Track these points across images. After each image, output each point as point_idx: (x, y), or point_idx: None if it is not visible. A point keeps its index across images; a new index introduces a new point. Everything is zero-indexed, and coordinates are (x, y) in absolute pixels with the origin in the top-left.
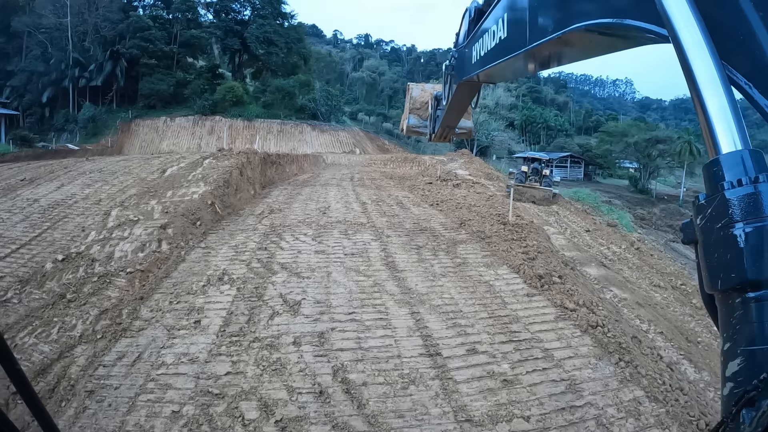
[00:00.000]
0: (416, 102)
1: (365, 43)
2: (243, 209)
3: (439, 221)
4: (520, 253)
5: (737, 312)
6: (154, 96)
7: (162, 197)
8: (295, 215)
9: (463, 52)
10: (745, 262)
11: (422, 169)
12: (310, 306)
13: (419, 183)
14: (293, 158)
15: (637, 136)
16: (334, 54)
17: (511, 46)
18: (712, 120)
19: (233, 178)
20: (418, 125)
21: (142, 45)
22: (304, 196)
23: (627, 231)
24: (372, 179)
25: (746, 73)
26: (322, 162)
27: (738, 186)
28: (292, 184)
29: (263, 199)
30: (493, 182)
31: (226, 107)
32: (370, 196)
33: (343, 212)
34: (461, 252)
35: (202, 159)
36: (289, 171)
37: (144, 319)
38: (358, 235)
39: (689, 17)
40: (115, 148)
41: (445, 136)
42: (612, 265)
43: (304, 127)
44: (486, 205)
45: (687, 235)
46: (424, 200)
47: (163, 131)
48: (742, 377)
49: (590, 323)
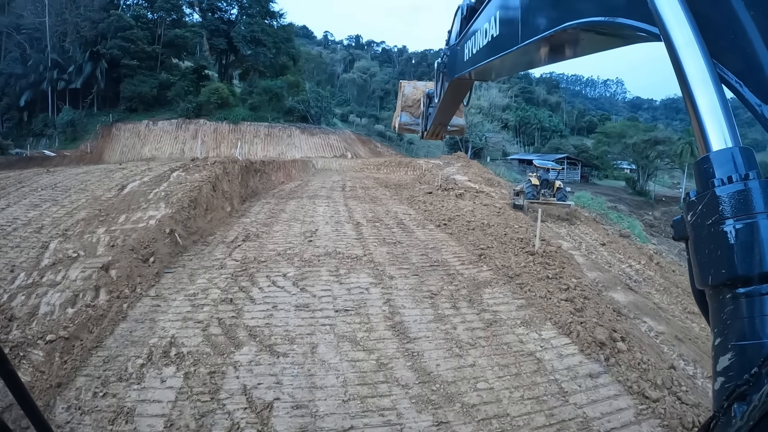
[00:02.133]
0: (408, 100)
1: (356, 44)
2: (214, 234)
3: (452, 251)
4: (563, 300)
5: (728, 307)
6: (136, 98)
7: (113, 223)
8: (274, 244)
9: (455, 50)
10: (735, 258)
11: (418, 175)
12: (286, 414)
13: (418, 193)
14: (280, 165)
15: (635, 137)
16: (325, 55)
17: (503, 43)
18: (702, 118)
19: (203, 195)
20: (410, 123)
21: (124, 45)
22: (288, 213)
23: (641, 242)
24: (365, 188)
25: (737, 71)
26: (312, 168)
27: (728, 183)
28: (277, 196)
29: (240, 217)
30: (494, 188)
31: (211, 110)
32: (365, 212)
33: (333, 238)
34: (489, 300)
35: (170, 171)
36: (275, 179)
37: (56, 425)
38: (352, 277)
39: (680, 16)
40: (94, 153)
41: (438, 134)
42: (638, 287)
43: (292, 130)
44: (500, 224)
45: (678, 231)
46: (427, 218)
47: (145, 135)
48: (733, 372)
49: (684, 425)
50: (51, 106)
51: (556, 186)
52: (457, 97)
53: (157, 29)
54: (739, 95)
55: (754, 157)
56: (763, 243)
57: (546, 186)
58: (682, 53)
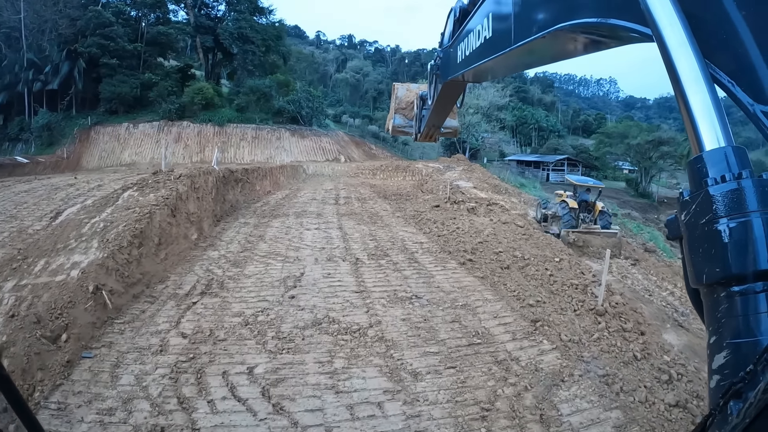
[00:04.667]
0: (402, 102)
1: (348, 43)
2: (166, 280)
3: (492, 310)
4: (672, 406)
5: (722, 306)
6: (115, 100)
7: (27, 273)
8: (242, 302)
9: (448, 52)
10: (729, 257)
11: (418, 181)
12: None
13: (424, 207)
14: (266, 172)
15: (639, 137)
16: (317, 55)
17: (496, 45)
18: (695, 117)
19: (154, 225)
20: (403, 125)
21: (103, 43)
22: (267, 243)
23: (667, 257)
24: (362, 199)
25: (729, 71)
26: (302, 173)
27: (721, 182)
28: (258, 214)
29: (208, 249)
30: (503, 196)
31: (195, 111)
32: (364, 239)
33: (324, 291)
34: (569, 415)
35: (122, 191)
36: (260, 189)
37: None
38: (355, 378)
39: (672, 16)
40: (71, 159)
41: (431, 136)
42: (687, 322)
43: (282, 132)
44: (537, 256)
45: (672, 230)
46: (444, 247)
47: (125, 139)
48: (729, 370)
49: None
50: (27, 108)
51: (598, 209)
52: (450, 98)
53: (139, 26)
54: (731, 95)
55: (747, 156)
56: (757, 241)
57: (585, 209)
58: (674, 53)
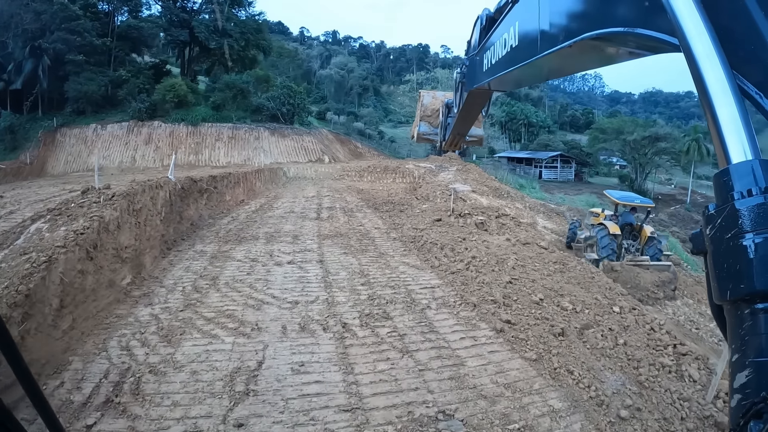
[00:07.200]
0: (427, 109)
1: (333, 39)
2: (63, 370)
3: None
4: None
5: (746, 323)
6: (83, 99)
7: None
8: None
9: (474, 60)
10: (754, 273)
11: (410, 183)
12: None
13: (423, 221)
14: (239, 177)
15: (635, 133)
16: (301, 51)
17: (522, 54)
18: (722, 129)
19: (53, 280)
20: (429, 132)
21: (68, 38)
22: (220, 293)
23: (693, 270)
24: (348, 211)
25: (757, 82)
26: (282, 177)
27: (748, 196)
28: (221, 237)
29: (138, 304)
30: (506, 201)
31: (168, 110)
32: (353, 281)
33: (292, 407)
34: None
35: (31, 222)
36: (230, 199)
37: None
38: None
39: (701, 27)
40: (35, 165)
41: (456, 144)
42: None
43: (261, 131)
44: (588, 304)
45: (696, 245)
46: (465, 297)
47: (92, 142)
48: (750, 389)
49: None
50: None
51: (646, 234)
52: (476, 107)
53: (110, 20)
54: (759, 106)
55: None
56: None
57: (629, 234)
58: (702, 64)
